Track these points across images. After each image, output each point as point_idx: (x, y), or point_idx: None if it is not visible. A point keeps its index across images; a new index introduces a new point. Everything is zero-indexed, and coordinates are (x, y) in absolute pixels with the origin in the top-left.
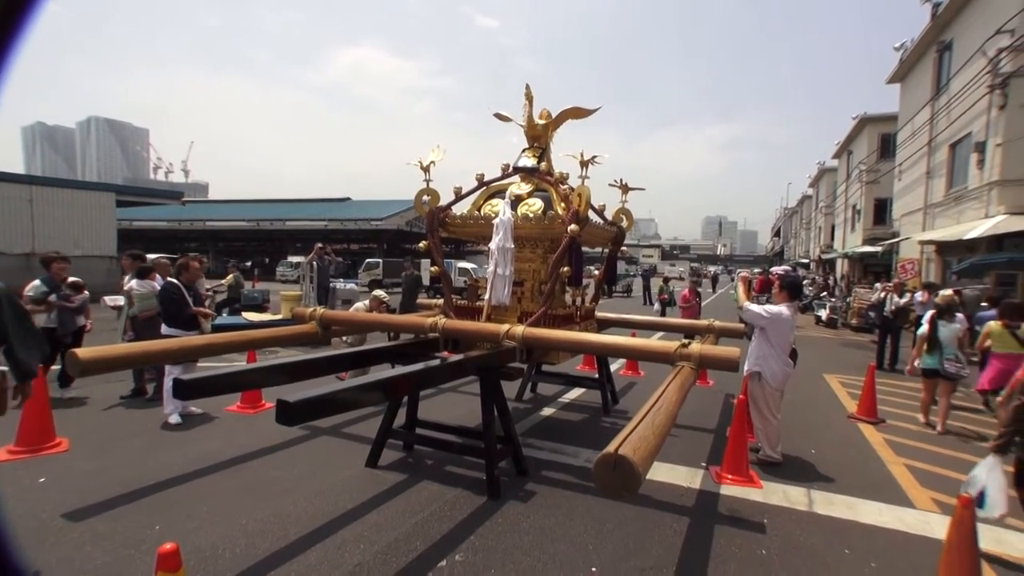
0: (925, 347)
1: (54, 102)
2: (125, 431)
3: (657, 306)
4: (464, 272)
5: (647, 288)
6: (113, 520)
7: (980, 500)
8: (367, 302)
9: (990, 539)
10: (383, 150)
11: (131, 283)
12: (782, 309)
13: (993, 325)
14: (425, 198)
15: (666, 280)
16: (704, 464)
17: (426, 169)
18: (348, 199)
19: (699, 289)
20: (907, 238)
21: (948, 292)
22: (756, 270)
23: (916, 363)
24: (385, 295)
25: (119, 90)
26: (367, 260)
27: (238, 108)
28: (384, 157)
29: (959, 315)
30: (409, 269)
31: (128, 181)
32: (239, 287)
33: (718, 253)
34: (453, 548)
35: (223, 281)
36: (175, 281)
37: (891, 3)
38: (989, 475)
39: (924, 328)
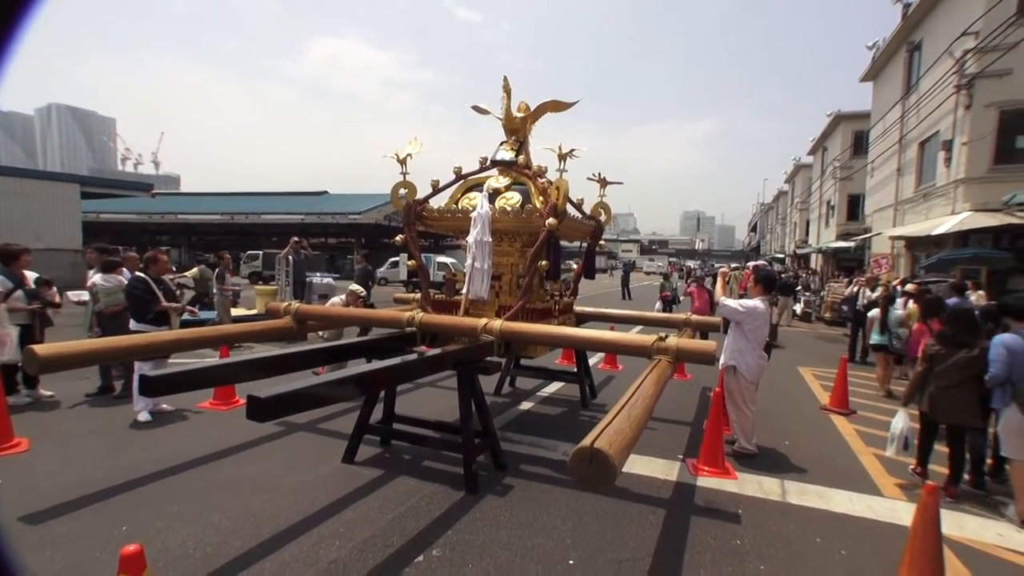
0: (876, 327)
1: (7, 86)
2: (91, 429)
3: (659, 305)
4: (443, 266)
5: (626, 283)
6: (76, 521)
7: (906, 444)
8: (343, 296)
9: (953, 525)
10: (362, 143)
11: (95, 277)
12: (757, 303)
13: (912, 308)
14: (402, 191)
15: (667, 276)
16: (681, 456)
17: (403, 162)
18: (325, 193)
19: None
20: (878, 233)
21: (912, 286)
22: (733, 264)
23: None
24: (362, 289)
25: (80, 76)
26: (248, 252)
27: (211, 99)
28: (363, 150)
29: (899, 301)
30: (361, 263)
31: (94, 172)
32: (205, 280)
33: (696, 248)
34: (430, 543)
35: (187, 273)
36: (142, 275)
37: (866, 1)
38: (905, 424)
39: (876, 312)
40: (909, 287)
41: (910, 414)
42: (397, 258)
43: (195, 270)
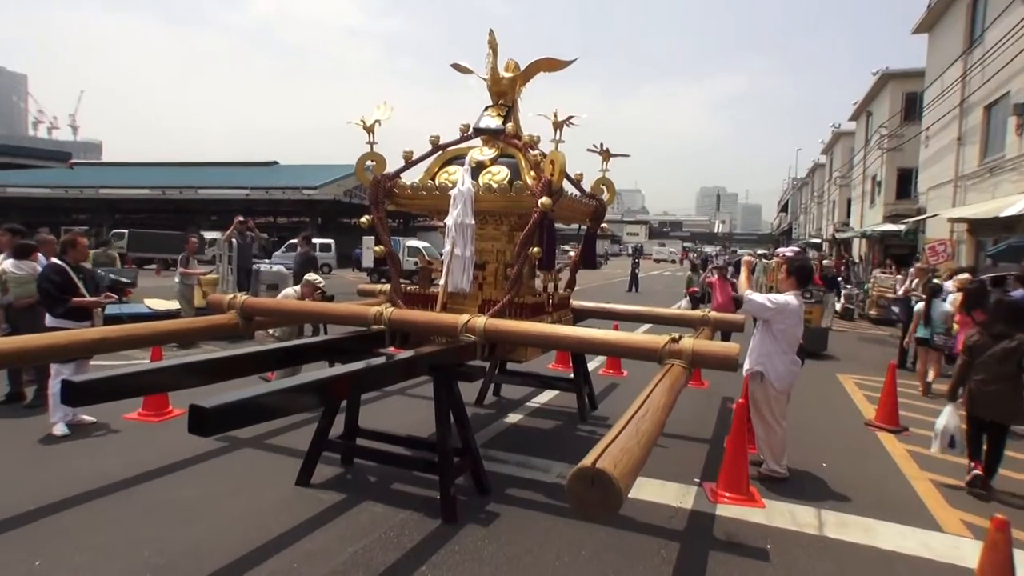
0: (921, 321)
1: None
2: None
3: (685, 303)
4: (414, 252)
5: (635, 272)
6: None
7: (952, 443)
8: (298, 288)
9: None
10: (318, 106)
11: (5, 263)
12: (789, 299)
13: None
14: (369, 164)
15: (695, 268)
16: (697, 480)
17: (370, 130)
18: (275, 163)
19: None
20: (934, 215)
21: (964, 276)
22: (760, 251)
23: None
24: (319, 279)
25: None
26: (114, 231)
27: (139, 52)
28: (319, 114)
29: (949, 295)
30: (303, 247)
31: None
32: (111, 264)
33: (715, 231)
34: None
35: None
36: (59, 262)
37: None
38: (951, 420)
39: (921, 305)
40: (957, 279)
41: (959, 411)
42: (296, 240)
43: (105, 253)
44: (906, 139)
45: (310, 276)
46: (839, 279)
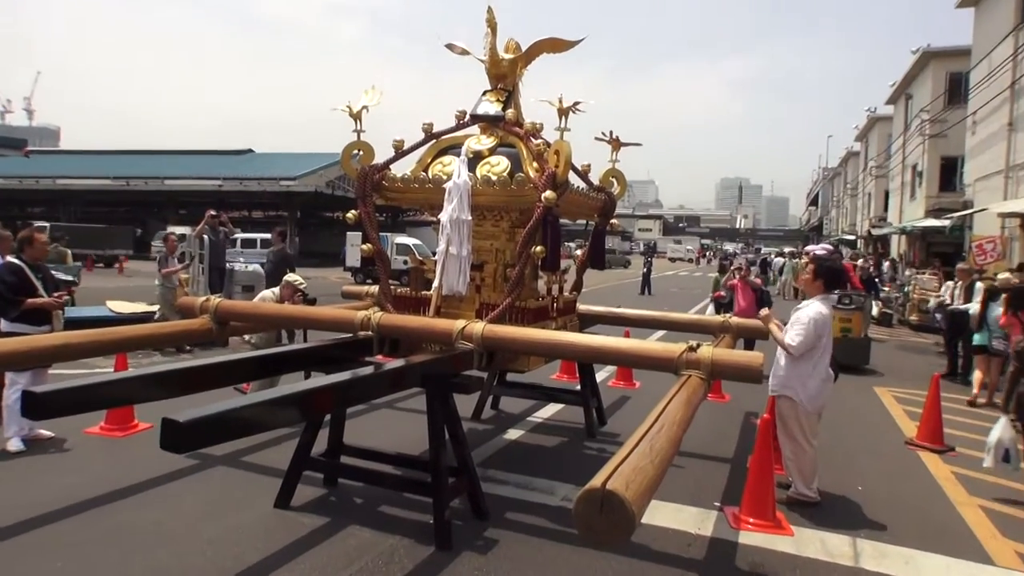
0: (975, 325)
1: None
2: None
3: (711, 309)
4: (404, 249)
5: (648, 273)
6: None
7: (1007, 457)
8: (276, 289)
9: None
10: (298, 89)
11: None
12: (821, 309)
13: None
14: (356, 154)
15: (723, 269)
16: (718, 504)
17: (357, 116)
18: (250, 151)
19: (752, 278)
20: (983, 209)
21: (1005, 275)
22: (787, 249)
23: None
24: (300, 280)
25: None
26: (52, 223)
27: (100, 28)
28: (299, 99)
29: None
30: (278, 243)
31: None
32: (62, 262)
33: (738, 226)
34: None
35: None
36: (16, 260)
37: None
38: (1004, 433)
39: (976, 307)
40: (1002, 277)
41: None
42: (170, 231)
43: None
44: (950, 124)
45: (290, 276)
46: (876, 280)
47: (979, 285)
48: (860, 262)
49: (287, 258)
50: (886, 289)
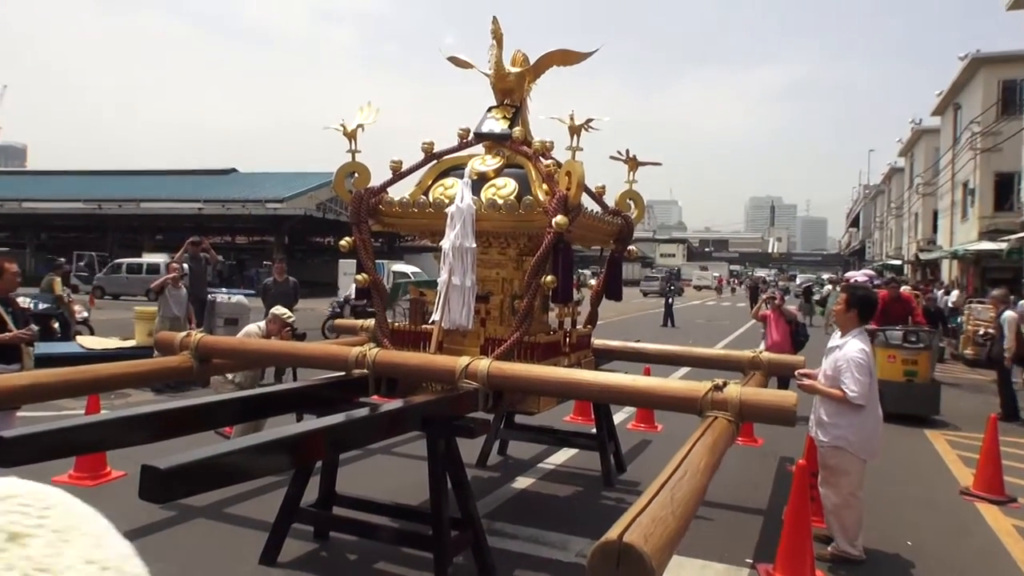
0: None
1: None
2: None
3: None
4: (401, 277)
5: (669, 303)
6: None
7: None
8: (262, 324)
9: None
10: (286, 103)
11: None
12: (863, 345)
13: None
14: (351, 176)
15: (755, 296)
16: (749, 560)
17: (352, 136)
18: (234, 171)
19: (791, 308)
20: None
21: (999, 292)
22: (826, 275)
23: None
24: (289, 314)
25: None
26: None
27: (72, 38)
28: (287, 113)
29: None
30: (281, 274)
31: None
32: (54, 295)
33: (770, 250)
34: None
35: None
36: None
37: None
38: None
39: (1009, 341)
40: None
41: None
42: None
43: (45, 280)
44: (1004, 137)
45: (277, 310)
46: (940, 312)
47: (1008, 315)
48: (903, 288)
49: (289, 293)
50: (961, 320)
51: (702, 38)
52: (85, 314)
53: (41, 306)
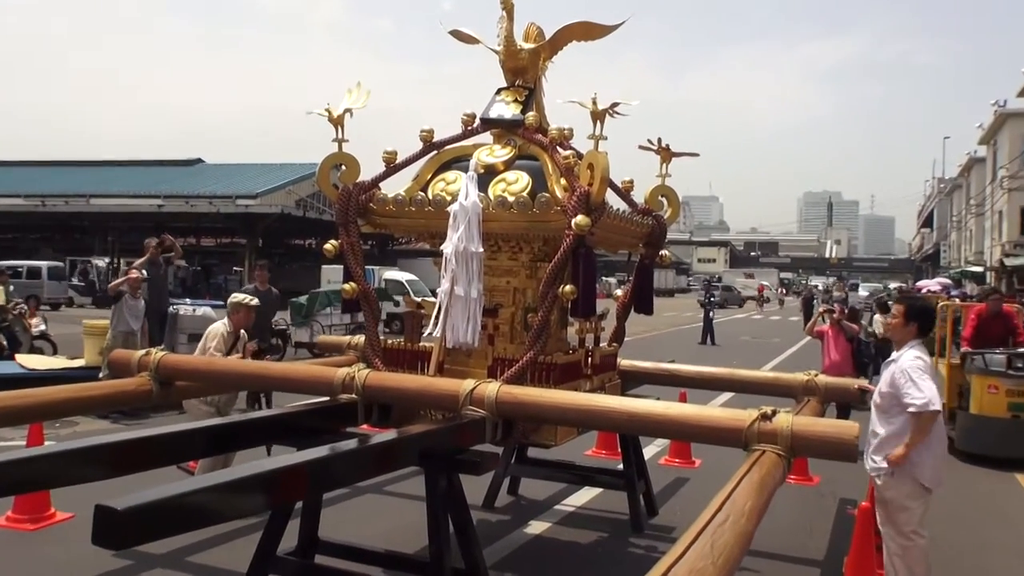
0: None
1: None
2: None
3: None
4: (395, 286)
5: (709, 316)
6: None
7: None
8: (224, 322)
9: None
10: (260, 84)
11: None
12: (919, 352)
13: None
14: (336, 170)
15: (809, 308)
16: None
17: (339, 122)
18: (199, 162)
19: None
20: None
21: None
22: (892, 285)
23: None
24: (251, 298)
25: None
26: None
27: (12, 9)
28: (261, 97)
29: None
30: (264, 283)
31: None
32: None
33: (828, 255)
34: None
35: None
36: None
37: None
38: None
39: None
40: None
41: None
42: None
43: None
44: None
45: (236, 296)
46: None
47: None
48: (991, 298)
49: (273, 303)
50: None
51: (741, 8)
52: (43, 327)
53: None
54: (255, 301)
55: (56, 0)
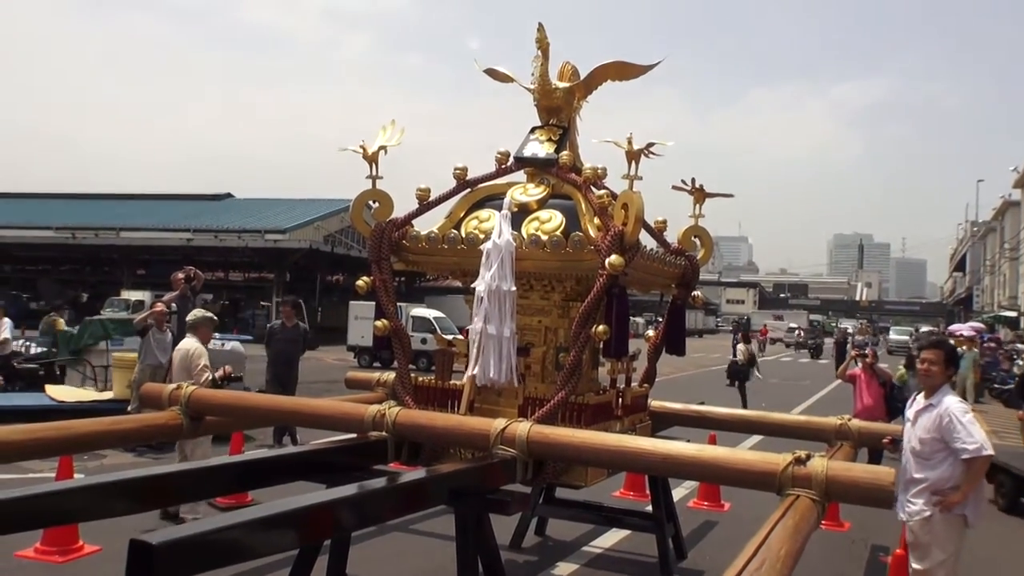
0: None
1: None
2: None
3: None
4: (423, 324)
5: (739, 363)
6: None
7: None
8: (195, 339)
9: None
10: (290, 119)
11: None
12: (955, 396)
13: None
14: (370, 207)
15: (841, 352)
16: None
17: (373, 159)
18: (229, 196)
19: (880, 366)
20: None
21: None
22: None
23: None
24: (211, 313)
25: None
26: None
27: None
28: (291, 131)
29: None
30: (291, 320)
31: None
32: (58, 335)
33: (858, 298)
34: None
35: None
36: None
37: None
38: None
39: None
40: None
41: None
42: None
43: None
44: None
45: (195, 313)
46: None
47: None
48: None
49: (298, 340)
50: None
51: (771, 51)
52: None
53: (34, 349)
54: (213, 316)
55: (89, 41)
